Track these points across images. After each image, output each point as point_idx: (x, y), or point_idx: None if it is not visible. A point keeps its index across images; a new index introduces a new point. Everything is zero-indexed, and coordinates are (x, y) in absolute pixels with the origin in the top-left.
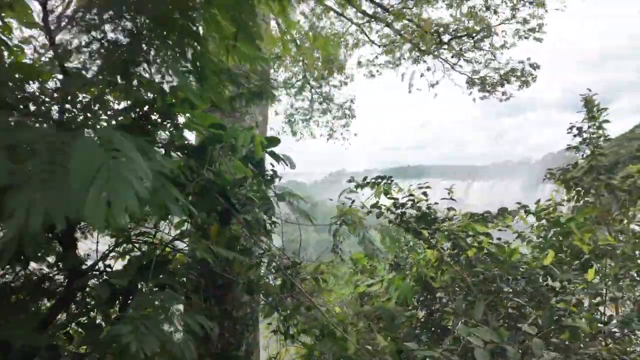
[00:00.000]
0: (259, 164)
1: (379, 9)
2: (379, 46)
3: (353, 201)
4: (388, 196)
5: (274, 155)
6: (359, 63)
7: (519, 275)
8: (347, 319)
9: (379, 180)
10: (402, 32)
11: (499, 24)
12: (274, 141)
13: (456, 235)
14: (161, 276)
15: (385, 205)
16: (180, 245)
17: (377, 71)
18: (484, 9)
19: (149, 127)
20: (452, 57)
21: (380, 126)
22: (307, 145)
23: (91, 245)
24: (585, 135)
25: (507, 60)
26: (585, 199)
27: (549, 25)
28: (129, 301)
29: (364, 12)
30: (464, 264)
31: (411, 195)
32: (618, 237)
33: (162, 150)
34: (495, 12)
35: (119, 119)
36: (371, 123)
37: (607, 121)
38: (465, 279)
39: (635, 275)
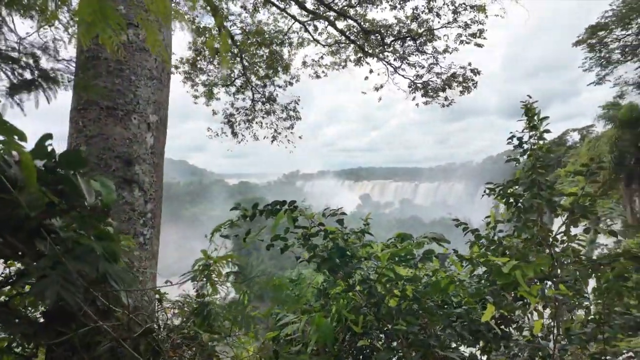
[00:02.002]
0: (70, 189)
1: (321, 7)
2: (324, 46)
3: (236, 235)
4: (295, 226)
5: (72, 179)
6: (304, 63)
7: (453, 321)
8: None
9: (277, 207)
10: (347, 32)
11: (441, 27)
12: (74, 161)
13: (371, 282)
14: None
15: (295, 233)
16: None
17: (323, 72)
18: (427, 11)
19: None
20: (394, 60)
21: (333, 128)
22: (262, 147)
23: None
24: (525, 146)
25: (450, 65)
26: (527, 216)
27: (489, 34)
28: None
29: (305, 8)
30: (384, 313)
31: (321, 224)
32: (560, 260)
33: None
34: (438, 15)
35: None
36: (325, 125)
37: (547, 131)
38: (389, 329)
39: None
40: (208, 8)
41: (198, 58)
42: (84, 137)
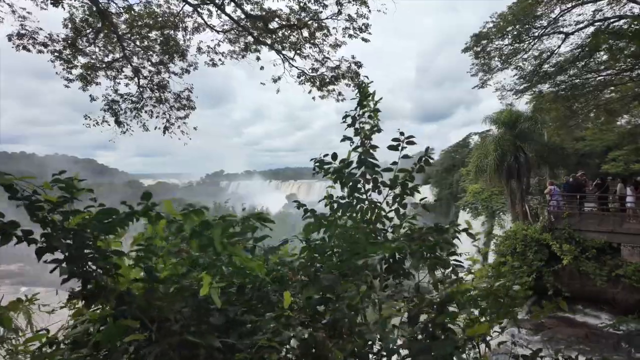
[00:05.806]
0: None
1: None
2: (219, 32)
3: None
4: None
5: None
6: (199, 49)
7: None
8: None
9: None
10: (244, 20)
11: (327, 18)
12: None
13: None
14: None
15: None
16: None
17: (220, 60)
18: (313, 1)
19: None
20: (283, 49)
21: (259, 127)
22: (180, 145)
23: None
24: (357, 125)
25: (340, 59)
26: (356, 194)
27: (404, 46)
28: None
29: None
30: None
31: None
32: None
33: None
34: (325, 6)
35: None
36: (250, 124)
37: (378, 110)
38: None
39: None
40: None
41: (78, 37)
42: None
